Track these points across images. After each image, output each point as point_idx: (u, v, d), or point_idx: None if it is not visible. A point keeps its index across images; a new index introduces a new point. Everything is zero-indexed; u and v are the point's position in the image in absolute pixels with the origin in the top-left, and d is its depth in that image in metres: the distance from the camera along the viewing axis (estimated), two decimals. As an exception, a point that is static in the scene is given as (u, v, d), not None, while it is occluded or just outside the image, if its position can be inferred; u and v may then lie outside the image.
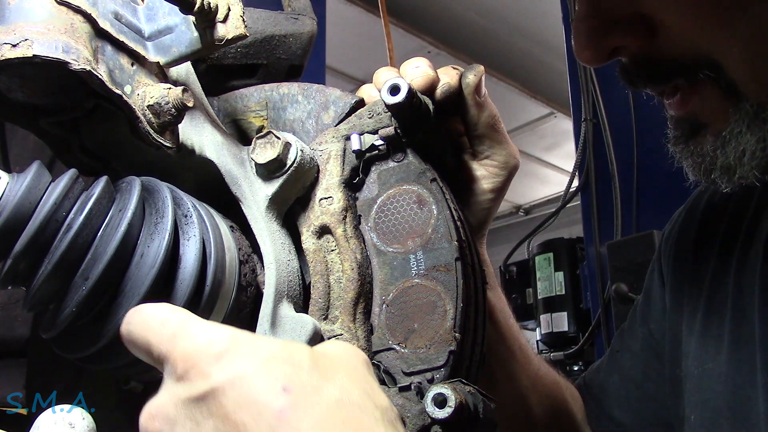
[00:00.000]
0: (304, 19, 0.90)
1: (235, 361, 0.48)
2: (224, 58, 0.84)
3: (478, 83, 0.81)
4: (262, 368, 0.48)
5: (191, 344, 0.50)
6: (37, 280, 0.58)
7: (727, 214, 0.95)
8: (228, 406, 0.46)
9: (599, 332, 3.12)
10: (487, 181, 0.86)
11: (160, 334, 0.51)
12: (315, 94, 0.80)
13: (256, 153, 0.70)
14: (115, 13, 0.64)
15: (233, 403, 0.46)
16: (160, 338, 0.51)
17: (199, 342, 0.50)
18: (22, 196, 0.57)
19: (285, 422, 0.46)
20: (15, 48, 0.56)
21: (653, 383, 1.04)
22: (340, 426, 0.47)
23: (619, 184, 3.09)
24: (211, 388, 0.47)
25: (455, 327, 0.65)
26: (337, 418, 0.47)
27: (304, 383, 0.48)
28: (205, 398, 0.47)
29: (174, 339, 0.51)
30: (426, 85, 0.77)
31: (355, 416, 0.48)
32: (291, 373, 0.48)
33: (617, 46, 0.76)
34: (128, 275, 0.60)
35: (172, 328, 0.51)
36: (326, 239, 0.72)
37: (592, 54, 0.77)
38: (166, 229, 0.61)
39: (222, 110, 0.82)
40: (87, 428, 0.56)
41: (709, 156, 0.75)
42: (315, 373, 0.49)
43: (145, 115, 0.63)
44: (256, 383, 0.47)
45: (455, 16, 5.58)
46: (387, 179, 0.73)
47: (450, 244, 0.68)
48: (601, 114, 3.19)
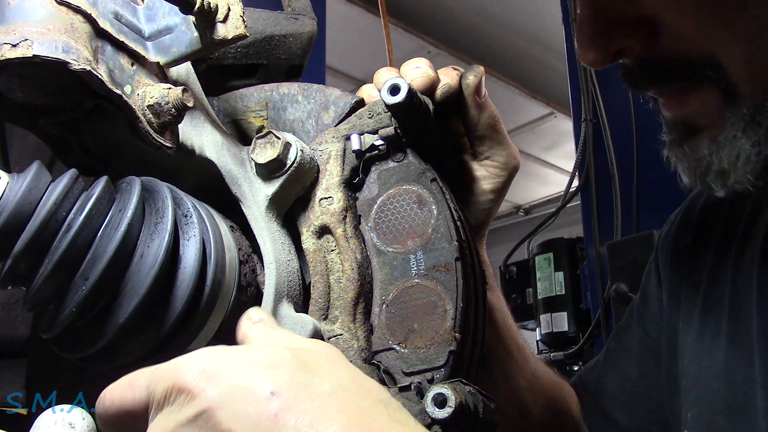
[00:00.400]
0: (304, 19, 0.90)
1: (217, 377, 0.48)
2: (224, 58, 0.84)
3: (478, 84, 0.82)
4: (247, 378, 0.48)
5: (166, 373, 0.50)
6: (37, 280, 0.58)
7: (723, 215, 0.95)
8: (223, 423, 0.46)
9: (599, 332, 3.13)
10: (488, 182, 0.86)
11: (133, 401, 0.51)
12: (315, 94, 0.80)
13: (256, 153, 0.70)
14: (115, 13, 0.64)
15: (227, 419, 0.46)
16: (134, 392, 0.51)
17: (173, 368, 0.50)
18: (22, 196, 0.57)
19: (282, 425, 0.46)
20: (15, 48, 0.56)
21: (649, 382, 1.04)
22: (337, 414, 0.47)
23: (619, 184, 3.09)
24: (201, 409, 0.47)
25: (455, 327, 0.65)
26: (333, 407, 0.47)
27: (291, 383, 0.48)
28: (197, 419, 0.47)
29: (149, 381, 0.50)
30: (426, 85, 0.77)
31: (352, 401, 0.48)
32: (276, 376, 0.48)
33: (621, 48, 0.76)
34: (128, 275, 0.60)
35: (142, 378, 0.51)
36: (326, 239, 0.72)
37: (595, 56, 0.77)
38: (166, 229, 0.61)
39: (222, 110, 0.82)
40: (87, 428, 0.56)
41: (704, 160, 0.75)
42: (300, 371, 0.49)
43: (145, 115, 0.63)
44: (244, 395, 0.47)
45: (455, 16, 5.58)
46: (387, 179, 0.73)
47: (450, 244, 0.68)
48: (601, 114, 3.19)
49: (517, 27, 5.68)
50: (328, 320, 0.69)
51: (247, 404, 0.47)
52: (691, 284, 0.95)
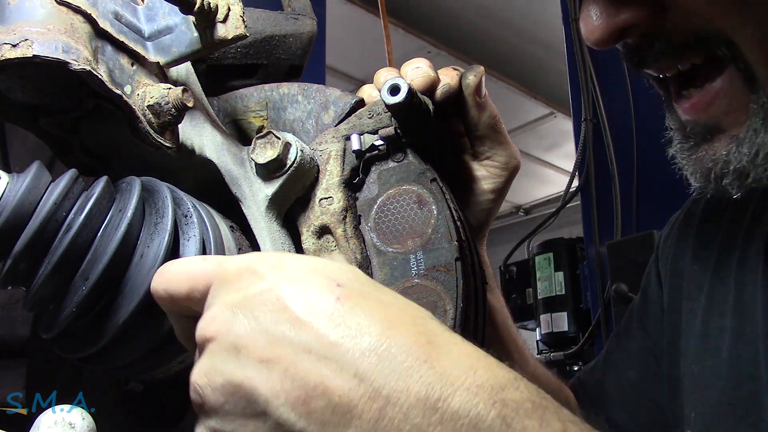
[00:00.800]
0: (304, 19, 0.90)
1: (287, 266, 0.49)
2: (224, 58, 0.84)
3: (478, 84, 0.81)
4: (314, 270, 0.49)
5: (241, 260, 0.51)
6: (37, 280, 0.58)
7: (726, 216, 0.95)
8: (286, 299, 0.47)
9: (599, 332, 3.13)
10: (488, 182, 0.86)
11: (203, 269, 0.51)
12: (315, 94, 0.79)
13: (256, 153, 0.70)
14: (115, 13, 0.64)
15: (291, 296, 0.47)
16: (203, 272, 0.51)
17: (247, 258, 0.51)
18: (22, 196, 0.57)
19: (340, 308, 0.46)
20: (15, 48, 0.56)
21: (649, 384, 1.04)
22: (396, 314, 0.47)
23: (619, 184, 3.08)
24: (267, 286, 0.48)
25: (455, 327, 0.65)
26: (394, 311, 0.47)
27: (357, 283, 0.49)
28: (262, 294, 0.47)
29: (220, 265, 0.51)
30: (426, 85, 0.77)
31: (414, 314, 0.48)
32: (345, 274, 0.49)
33: (627, 27, 0.74)
34: (128, 275, 0.60)
35: (214, 259, 0.52)
36: (326, 239, 0.72)
37: (602, 34, 0.75)
38: (166, 229, 0.61)
39: (222, 110, 0.82)
40: (87, 428, 0.56)
41: (722, 161, 0.73)
42: (364, 280, 0.50)
43: (145, 115, 0.63)
44: (311, 279, 0.48)
45: (455, 16, 5.58)
46: (387, 179, 0.73)
47: (450, 244, 0.68)
48: (601, 114, 3.18)
49: (517, 27, 5.68)
50: (328, 320, 0.69)
51: (314, 287, 0.47)
52: (694, 285, 0.95)
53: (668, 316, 1.00)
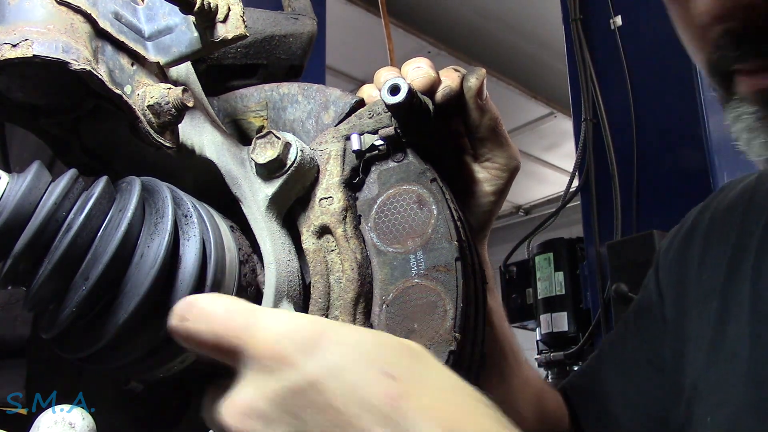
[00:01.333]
0: (304, 19, 0.90)
1: (326, 349, 0.45)
2: (224, 58, 0.84)
3: (480, 87, 0.81)
4: (358, 355, 0.45)
5: (272, 334, 0.46)
6: (37, 280, 0.58)
7: (736, 223, 0.94)
8: (331, 397, 0.43)
9: (599, 332, 3.13)
10: (489, 183, 0.86)
11: (229, 326, 0.48)
12: (315, 94, 0.79)
13: (256, 153, 0.70)
14: (115, 13, 0.64)
15: (337, 393, 0.43)
16: (229, 330, 0.48)
17: (279, 331, 0.47)
18: (22, 196, 0.57)
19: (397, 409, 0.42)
20: (15, 48, 0.56)
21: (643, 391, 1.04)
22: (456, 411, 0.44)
23: (619, 184, 3.08)
24: (308, 380, 0.44)
25: (455, 327, 0.65)
26: (451, 403, 0.44)
27: (406, 368, 0.45)
28: (304, 391, 0.44)
29: (249, 329, 0.47)
30: (426, 85, 0.77)
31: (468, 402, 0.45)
32: (390, 357, 0.45)
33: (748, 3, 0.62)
34: (128, 275, 0.59)
35: (242, 318, 0.48)
36: (326, 239, 0.72)
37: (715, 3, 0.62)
38: (166, 229, 0.61)
39: (222, 110, 0.82)
40: (87, 428, 0.56)
41: None
42: (414, 359, 0.46)
43: (145, 115, 0.63)
44: (357, 370, 0.44)
45: (455, 16, 5.58)
46: (387, 179, 0.73)
47: (450, 244, 0.68)
48: (601, 114, 3.18)
49: (517, 27, 5.68)
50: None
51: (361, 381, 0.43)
52: (703, 294, 0.95)
53: (672, 327, 1.00)
